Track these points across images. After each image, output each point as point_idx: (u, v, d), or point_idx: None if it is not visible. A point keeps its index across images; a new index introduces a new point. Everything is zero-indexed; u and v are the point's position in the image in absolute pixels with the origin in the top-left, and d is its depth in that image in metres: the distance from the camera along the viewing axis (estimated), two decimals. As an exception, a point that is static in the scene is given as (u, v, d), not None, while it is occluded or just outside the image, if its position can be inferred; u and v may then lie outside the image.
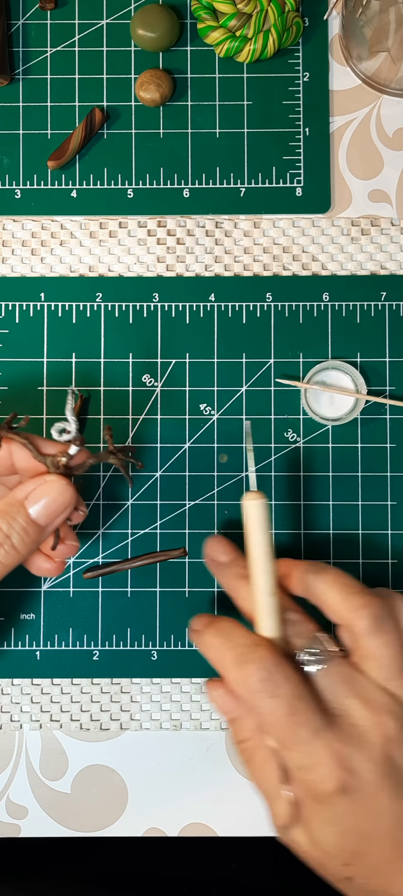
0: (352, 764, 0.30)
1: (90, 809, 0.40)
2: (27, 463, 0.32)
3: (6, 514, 0.31)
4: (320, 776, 0.30)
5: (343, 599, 0.32)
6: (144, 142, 0.41)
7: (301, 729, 0.30)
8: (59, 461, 0.32)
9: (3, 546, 0.31)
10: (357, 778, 0.30)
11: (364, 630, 0.32)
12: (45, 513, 0.31)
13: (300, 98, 0.41)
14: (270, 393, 0.41)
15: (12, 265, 0.41)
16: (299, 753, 0.31)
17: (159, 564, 0.40)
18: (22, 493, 0.32)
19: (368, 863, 0.31)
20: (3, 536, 0.31)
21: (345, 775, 0.30)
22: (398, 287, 0.41)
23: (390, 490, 0.40)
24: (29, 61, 0.42)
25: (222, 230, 0.41)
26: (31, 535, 0.32)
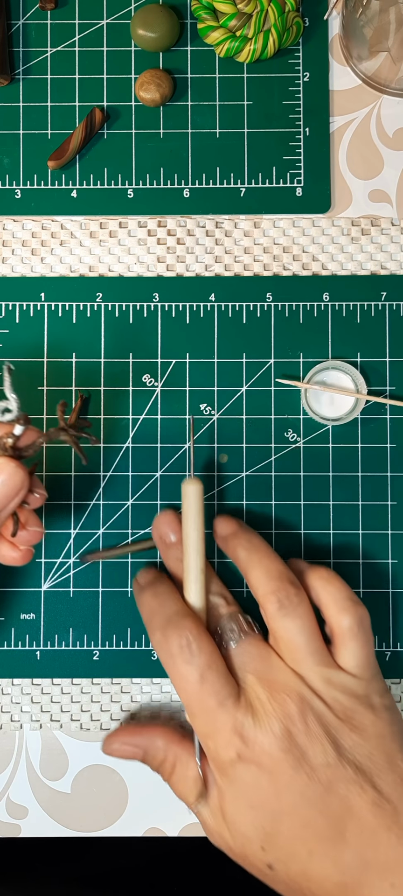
0: (249, 734, 0.32)
1: (90, 809, 0.40)
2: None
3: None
4: (220, 744, 0.32)
5: (261, 583, 0.34)
6: (144, 142, 0.41)
7: (208, 698, 0.32)
8: (6, 443, 0.31)
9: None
10: (254, 749, 0.32)
11: (274, 612, 0.34)
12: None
13: (300, 98, 0.41)
14: (270, 393, 0.41)
15: (12, 265, 0.41)
16: (203, 720, 0.33)
17: (160, 564, 0.40)
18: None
19: (281, 844, 0.32)
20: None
21: (241, 745, 0.32)
22: (398, 287, 0.41)
23: (390, 490, 0.40)
24: (29, 61, 0.42)
25: (222, 230, 0.41)
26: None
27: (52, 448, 0.40)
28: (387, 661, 0.40)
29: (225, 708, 0.32)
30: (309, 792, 0.32)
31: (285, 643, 0.34)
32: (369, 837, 0.31)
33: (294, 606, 0.34)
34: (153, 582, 0.36)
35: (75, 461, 0.40)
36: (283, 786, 0.32)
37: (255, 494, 0.40)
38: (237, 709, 0.32)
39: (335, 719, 0.33)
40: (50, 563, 0.40)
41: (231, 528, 0.37)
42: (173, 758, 0.35)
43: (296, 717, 0.32)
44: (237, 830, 0.33)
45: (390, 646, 0.40)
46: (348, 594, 0.35)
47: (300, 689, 0.33)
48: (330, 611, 0.35)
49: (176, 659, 0.33)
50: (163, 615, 0.34)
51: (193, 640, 0.33)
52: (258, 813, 0.32)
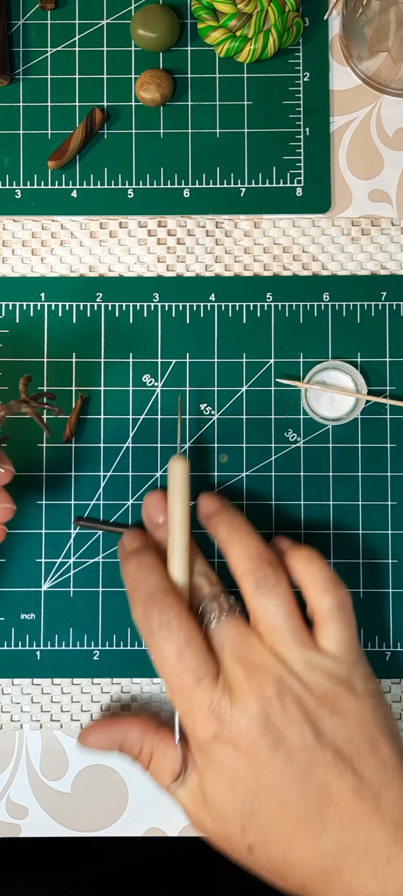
0: (225, 714, 0.32)
1: (90, 809, 0.40)
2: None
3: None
4: (198, 723, 0.32)
5: (239, 562, 0.34)
6: (144, 142, 0.41)
7: (185, 675, 0.32)
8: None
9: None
10: (231, 729, 0.32)
11: (251, 591, 0.34)
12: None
13: (300, 98, 0.41)
14: (270, 393, 0.41)
15: (12, 265, 0.41)
16: (182, 698, 0.33)
17: None
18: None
19: (260, 825, 0.32)
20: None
21: (218, 724, 0.32)
22: (398, 287, 0.41)
23: (390, 490, 0.40)
24: (29, 61, 0.42)
25: (222, 230, 0.41)
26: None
27: (51, 448, 0.40)
28: (387, 661, 0.40)
29: (202, 686, 0.32)
30: (286, 774, 0.32)
31: (264, 623, 0.34)
32: (349, 823, 0.31)
33: (271, 586, 0.33)
34: (139, 550, 0.36)
35: (76, 461, 0.40)
36: (260, 767, 0.32)
37: (255, 494, 0.40)
38: (214, 688, 0.32)
39: (314, 702, 0.32)
40: (50, 563, 0.40)
41: (213, 506, 0.37)
42: (150, 747, 0.35)
43: (274, 698, 0.32)
44: (217, 811, 0.33)
45: (390, 646, 0.40)
46: (329, 575, 0.34)
47: (278, 670, 0.33)
48: (311, 591, 0.34)
49: (155, 635, 0.33)
50: (146, 589, 0.34)
51: (174, 618, 0.33)
52: (236, 793, 0.32)
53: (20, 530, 0.40)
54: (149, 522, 0.38)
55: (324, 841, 0.31)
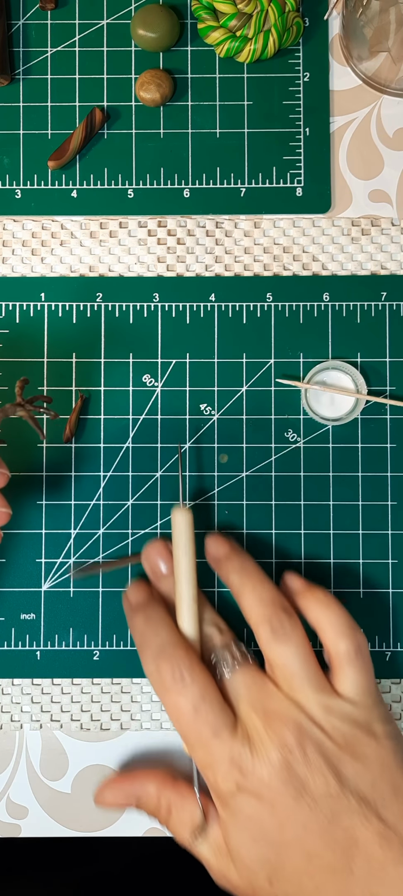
0: (246, 765, 0.31)
1: (90, 809, 0.40)
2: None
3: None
4: (219, 776, 0.32)
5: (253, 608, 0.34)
6: (145, 142, 0.41)
7: (203, 728, 0.32)
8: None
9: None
10: (252, 780, 0.31)
11: (267, 639, 0.33)
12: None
13: (300, 98, 0.41)
14: (270, 393, 0.41)
15: (12, 265, 0.41)
16: (201, 752, 0.32)
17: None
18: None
19: (287, 877, 0.31)
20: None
21: (240, 777, 0.31)
22: (398, 287, 0.41)
23: (390, 490, 0.40)
24: (29, 61, 0.42)
25: (222, 230, 0.41)
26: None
27: (51, 448, 0.40)
28: (387, 662, 0.40)
29: (220, 739, 0.32)
30: (312, 824, 0.31)
31: (280, 670, 0.33)
32: (377, 871, 0.30)
33: (287, 633, 0.33)
34: (145, 604, 0.36)
35: (76, 461, 0.40)
36: (285, 818, 0.31)
37: (255, 494, 0.40)
38: (234, 739, 0.32)
39: (335, 748, 0.32)
40: (50, 563, 0.40)
41: (223, 550, 0.37)
42: (167, 802, 0.35)
43: (294, 746, 0.31)
44: (242, 864, 0.32)
45: (390, 646, 0.40)
46: (346, 619, 0.34)
47: (297, 717, 0.32)
48: (328, 635, 0.34)
49: (170, 690, 0.32)
50: (156, 644, 0.34)
51: (186, 671, 0.32)
52: (262, 845, 0.32)
53: (20, 530, 0.40)
54: (153, 574, 0.37)
55: (353, 890, 0.31)
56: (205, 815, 0.34)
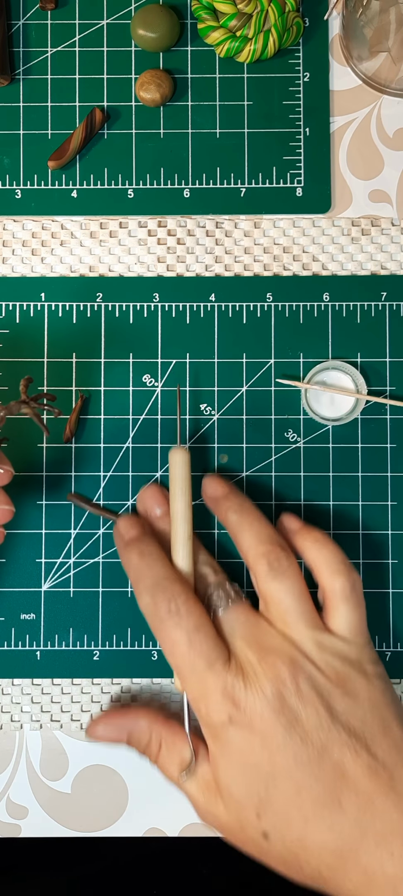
0: (240, 697, 0.32)
1: (90, 809, 0.40)
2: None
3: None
4: (211, 707, 0.32)
5: (251, 546, 0.35)
6: (145, 142, 0.41)
7: (197, 659, 0.32)
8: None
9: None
10: (245, 712, 0.32)
11: (264, 575, 0.34)
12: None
13: (300, 98, 0.41)
14: (270, 393, 0.41)
15: (13, 265, 0.41)
16: (194, 684, 0.33)
17: None
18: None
19: (276, 810, 0.32)
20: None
21: (232, 708, 0.32)
22: (398, 287, 0.41)
23: (390, 490, 0.40)
24: (29, 61, 0.42)
25: (222, 230, 0.41)
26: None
27: (51, 448, 0.40)
28: (387, 661, 0.40)
29: (214, 670, 0.32)
30: (302, 755, 0.31)
31: (275, 606, 0.34)
32: (365, 804, 0.31)
33: (283, 569, 0.34)
34: (138, 539, 0.36)
35: (76, 461, 0.40)
36: (276, 748, 0.32)
37: (255, 494, 0.40)
38: (227, 671, 0.32)
39: (327, 683, 0.32)
40: (50, 563, 0.40)
41: (221, 490, 0.37)
42: (158, 738, 0.35)
43: (288, 679, 0.32)
44: (230, 798, 0.33)
45: (390, 646, 0.40)
46: (341, 557, 0.35)
47: (291, 651, 0.33)
48: (323, 573, 0.35)
49: (165, 622, 0.33)
50: (151, 578, 0.34)
51: (182, 603, 0.33)
52: (251, 777, 0.32)
53: (20, 530, 0.40)
54: (147, 516, 0.38)
55: (341, 822, 0.31)
56: (195, 754, 0.34)
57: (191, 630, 0.33)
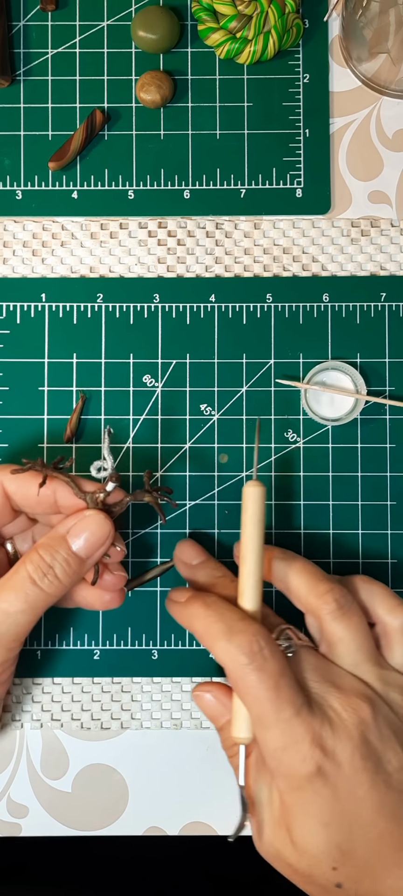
0: (328, 744, 0.30)
1: (91, 808, 0.40)
2: (69, 501, 0.34)
3: (49, 547, 0.33)
4: (298, 757, 0.30)
5: (310, 587, 0.34)
6: (145, 143, 0.41)
7: (283, 705, 0.31)
8: (98, 498, 0.34)
9: (47, 576, 0.33)
10: (334, 760, 0.30)
11: (330, 615, 0.33)
12: (85, 545, 0.33)
13: (300, 99, 0.41)
14: (270, 393, 0.41)
15: (13, 266, 0.41)
16: (278, 732, 0.31)
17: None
18: (64, 528, 0.34)
19: (356, 861, 0.31)
20: (47, 567, 0.33)
21: (322, 757, 0.30)
22: (398, 288, 0.41)
23: (390, 490, 0.41)
24: (30, 62, 0.42)
25: (222, 231, 0.41)
26: (72, 567, 0.33)
27: (51, 449, 0.41)
28: (387, 661, 0.40)
29: (301, 717, 0.30)
30: (387, 801, 0.30)
31: (343, 645, 0.33)
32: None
33: (348, 607, 0.33)
34: (196, 595, 0.34)
35: (76, 461, 0.40)
36: (362, 796, 0.30)
37: (255, 494, 0.40)
38: (313, 718, 0.31)
39: (398, 721, 0.32)
40: (50, 562, 0.40)
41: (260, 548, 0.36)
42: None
43: (371, 721, 0.31)
44: (305, 851, 0.31)
45: (389, 645, 0.40)
46: (393, 594, 0.35)
47: (367, 692, 0.32)
48: (379, 611, 0.34)
49: (247, 667, 0.31)
50: (224, 623, 0.32)
51: (265, 646, 0.31)
52: (333, 830, 0.31)
53: (21, 530, 0.40)
54: (185, 566, 0.38)
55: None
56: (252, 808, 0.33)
57: (276, 673, 0.31)
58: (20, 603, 0.32)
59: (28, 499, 0.35)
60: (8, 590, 0.32)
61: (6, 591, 0.32)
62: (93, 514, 0.33)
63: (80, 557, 0.33)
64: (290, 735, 0.30)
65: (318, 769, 0.30)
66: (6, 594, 0.32)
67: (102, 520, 0.33)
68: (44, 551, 0.33)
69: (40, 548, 0.33)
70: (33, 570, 0.32)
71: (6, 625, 0.32)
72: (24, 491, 0.34)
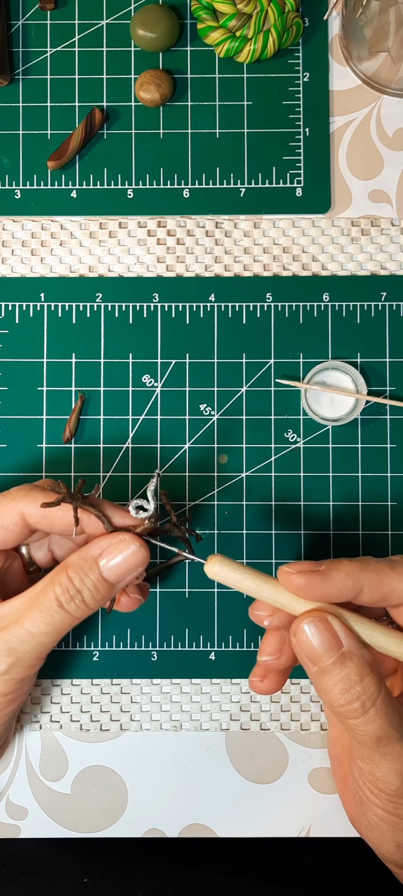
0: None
1: (90, 810, 0.40)
2: (98, 528, 0.33)
3: (80, 570, 0.32)
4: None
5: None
6: (144, 142, 0.41)
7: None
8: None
9: (74, 600, 0.32)
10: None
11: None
12: (117, 572, 0.32)
13: (300, 98, 0.41)
14: (270, 393, 0.41)
15: (12, 265, 0.41)
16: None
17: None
18: (97, 550, 0.32)
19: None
20: (75, 591, 0.32)
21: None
22: (398, 287, 0.41)
23: (390, 490, 0.40)
24: (29, 61, 0.42)
25: (222, 230, 0.41)
26: (101, 592, 0.32)
27: (51, 449, 0.40)
28: (387, 662, 0.40)
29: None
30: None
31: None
32: None
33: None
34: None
35: (75, 461, 0.40)
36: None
37: (255, 494, 0.40)
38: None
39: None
40: (50, 563, 0.40)
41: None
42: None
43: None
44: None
45: (390, 646, 0.40)
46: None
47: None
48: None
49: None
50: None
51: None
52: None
53: (20, 531, 0.40)
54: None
55: None
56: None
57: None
58: (45, 626, 0.31)
59: (53, 527, 0.33)
60: (34, 610, 0.32)
61: (32, 611, 0.32)
62: (128, 540, 0.32)
63: (111, 583, 0.32)
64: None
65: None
66: (32, 614, 0.32)
67: (138, 548, 0.32)
68: (73, 573, 0.32)
69: (70, 568, 0.32)
70: (61, 592, 0.32)
71: (30, 645, 0.32)
72: (50, 521, 0.33)
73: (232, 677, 0.40)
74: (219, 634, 0.40)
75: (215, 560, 0.31)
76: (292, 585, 0.31)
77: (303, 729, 0.40)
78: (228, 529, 0.40)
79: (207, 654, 0.40)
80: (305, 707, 0.40)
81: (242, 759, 0.40)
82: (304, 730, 0.40)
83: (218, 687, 0.40)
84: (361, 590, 0.31)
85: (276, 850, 0.41)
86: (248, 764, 0.40)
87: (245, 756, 0.40)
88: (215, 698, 0.40)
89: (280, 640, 0.33)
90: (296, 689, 0.40)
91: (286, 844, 0.40)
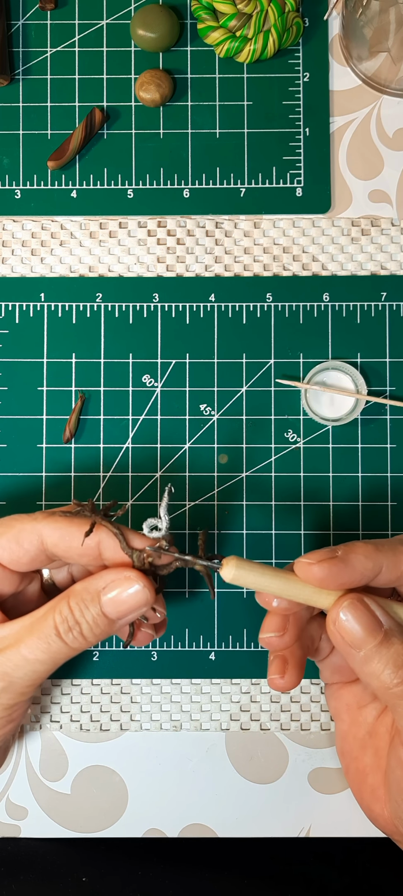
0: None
1: (90, 810, 0.40)
2: (114, 554, 0.32)
3: (81, 601, 0.31)
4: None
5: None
6: (144, 142, 0.41)
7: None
8: (146, 559, 0.31)
9: (72, 631, 0.31)
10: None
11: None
12: (118, 609, 0.31)
13: (300, 98, 0.41)
14: (270, 393, 0.41)
15: (12, 265, 0.41)
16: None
17: None
18: (101, 583, 0.31)
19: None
20: (74, 622, 0.31)
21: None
22: (398, 287, 0.41)
23: (390, 490, 0.40)
24: (29, 61, 0.42)
25: (222, 230, 0.41)
26: (100, 627, 0.31)
27: (51, 449, 0.40)
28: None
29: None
30: None
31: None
32: None
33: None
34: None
35: (75, 461, 0.40)
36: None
37: (255, 494, 0.40)
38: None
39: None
40: (50, 563, 0.40)
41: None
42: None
43: None
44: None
45: (390, 646, 0.40)
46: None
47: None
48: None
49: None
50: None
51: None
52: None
53: (20, 531, 0.40)
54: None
55: None
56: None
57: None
58: (41, 653, 0.31)
59: (71, 551, 0.32)
60: (33, 636, 0.31)
61: (31, 637, 0.31)
62: (133, 577, 0.31)
63: (111, 619, 0.31)
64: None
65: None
66: (30, 640, 0.31)
67: (141, 587, 0.31)
68: (74, 603, 0.31)
69: (72, 598, 0.31)
70: (61, 621, 0.31)
71: (24, 671, 0.31)
72: (67, 543, 0.32)
73: (232, 677, 0.40)
74: (219, 634, 0.40)
75: (231, 564, 0.30)
76: (313, 577, 0.30)
77: (303, 729, 0.40)
78: (228, 529, 0.40)
79: (207, 654, 0.40)
80: (305, 707, 0.40)
81: (242, 759, 0.40)
82: (304, 730, 0.40)
83: (218, 687, 0.40)
84: (380, 570, 0.30)
85: (276, 851, 0.41)
86: (248, 764, 0.40)
87: (245, 756, 0.40)
88: (215, 698, 0.40)
89: (283, 617, 0.32)
90: (296, 689, 0.40)
91: (286, 844, 0.40)
